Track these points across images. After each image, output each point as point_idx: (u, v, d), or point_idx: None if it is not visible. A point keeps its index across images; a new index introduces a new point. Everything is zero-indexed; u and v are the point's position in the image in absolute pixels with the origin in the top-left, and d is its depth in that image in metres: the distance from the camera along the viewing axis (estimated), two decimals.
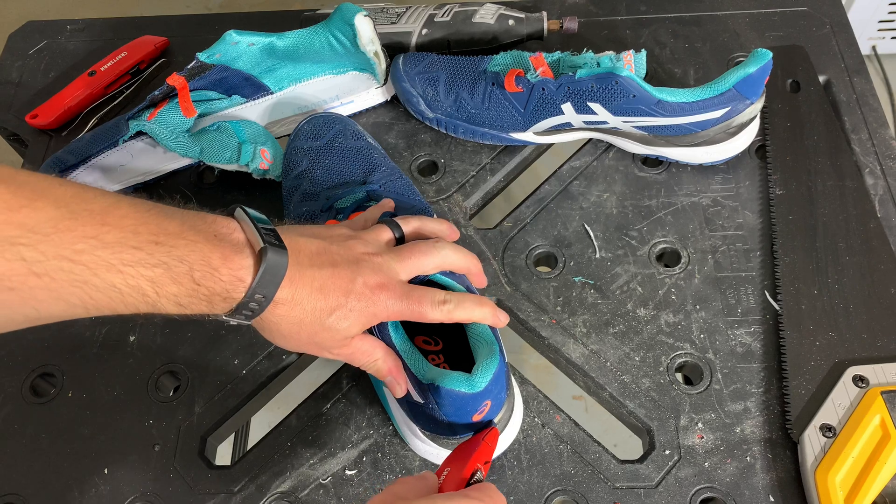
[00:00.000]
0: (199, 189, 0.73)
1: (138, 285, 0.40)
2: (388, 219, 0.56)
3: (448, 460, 0.46)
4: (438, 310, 0.50)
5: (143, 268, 0.40)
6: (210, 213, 0.46)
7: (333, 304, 0.47)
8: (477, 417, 0.50)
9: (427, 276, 0.52)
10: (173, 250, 0.41)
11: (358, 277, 0.48)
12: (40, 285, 0.37)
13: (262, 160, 0.67)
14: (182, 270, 0.41)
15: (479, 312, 0.51)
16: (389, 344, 0.51)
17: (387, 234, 0.54)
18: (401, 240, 0.54)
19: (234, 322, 0.46)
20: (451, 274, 0.53)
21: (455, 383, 0.47)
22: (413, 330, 0.56)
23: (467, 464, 0.45)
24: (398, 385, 0.52)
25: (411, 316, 0.49)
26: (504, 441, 0.56)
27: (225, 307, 0.44)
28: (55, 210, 0.38)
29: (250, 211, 0.46)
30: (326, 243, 0.49)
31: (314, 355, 0.53)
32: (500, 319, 0.52)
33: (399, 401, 0.54)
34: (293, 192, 0.65)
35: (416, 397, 0.51)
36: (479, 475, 0.45)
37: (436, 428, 0.52)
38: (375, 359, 0.51)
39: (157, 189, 0.72)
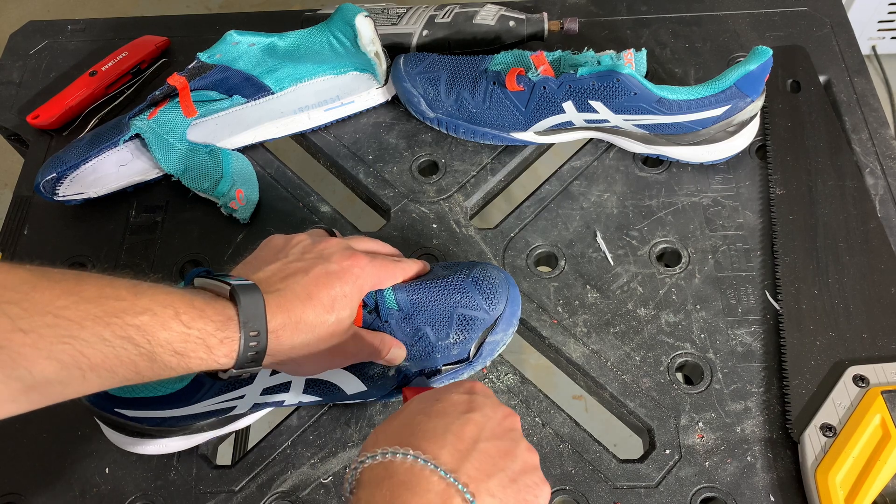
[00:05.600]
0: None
1: (128, 335, 0.40)
2: (317, 225, 0.62)
3: None
4: (398, 266, 0.55)
5: (129, 316, 0.40)
6: None
7: (327, 300, 0.48)
8: None
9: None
10: (156, 297, 0.41)
11: (330, 265, 0.50)
12: (28, 342, 0.36)
13: (235, 200, 0.68)
14: (168, 314, 0.41)
15: (419, 265, 0.58)
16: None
17: (320, 230, 0.57)
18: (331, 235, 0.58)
19: (247, 373, 0.47)
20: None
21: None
22: None
23: None
24: (402, 350, 0.55)
25: (384, 274, 0.54)
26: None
27: (225, 351, 0.44)
28: (29, 274, 0.38)
29: (207, 275, 0.48)
30: (281, 262, 0.50)
31: (342, 366, 0.54)
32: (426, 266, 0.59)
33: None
34: None
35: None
36: None
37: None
38: (388, 343, 0.54)
39: (157, 188, 0.72)
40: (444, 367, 0.57)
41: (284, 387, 0.54)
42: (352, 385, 0.56)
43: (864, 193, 0.66)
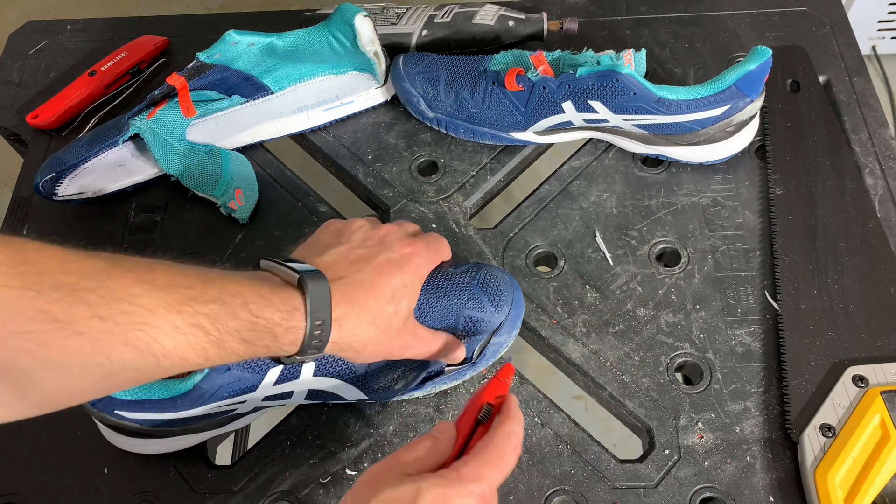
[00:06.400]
0: None
1: (198, 323, 0.40)
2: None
3: (468, 403, 0.47)
4: (444, 244, 0.57)
5: (199, 304, 0.41)
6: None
7: (388, 290, 0.49)
8: None
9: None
10: (225, 286, 0.42)
11: (391, 253, 0.51)
12: (105, 329, 0.37)
13: (234, 199, 0.68)
14: (237, 303, 0.42)
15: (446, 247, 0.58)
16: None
17: (370, 218, 0.57)
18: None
19: (309, 360, 0.48)
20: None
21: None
22: None
23: (476, 403, 0.46)
24: (463, 351, 0.56)
25: (438, 257, 0.55)
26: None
27: (290, 340, 0.45)
28: (102, 262, 0.39)
29: (273, 259, 0.48)
30: (345, 247, 0.51)
31: (400, 357, 0.54)
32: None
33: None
34: None
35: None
36: (485, 410, 0.45)
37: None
38: (451, 346, 0.55)
39: (156, 188, 0.72)
40: (447, 368, 0.57)
41: (286, 395, 0.54)
42: (354, 395, 0.56)
43: (864, 193, 0.66)
